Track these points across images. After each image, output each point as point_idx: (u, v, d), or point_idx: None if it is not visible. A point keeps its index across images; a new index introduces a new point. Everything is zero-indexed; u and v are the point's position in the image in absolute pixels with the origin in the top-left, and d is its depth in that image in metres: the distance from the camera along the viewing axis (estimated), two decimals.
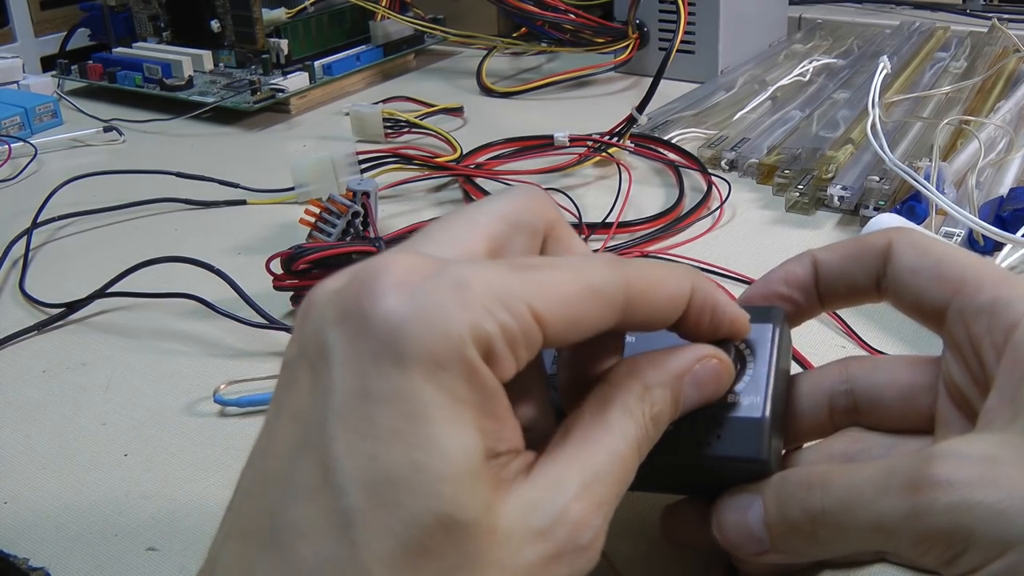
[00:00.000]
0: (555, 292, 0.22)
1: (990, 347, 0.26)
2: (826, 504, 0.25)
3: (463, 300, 0.20)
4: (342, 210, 0.50)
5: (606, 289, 0.23)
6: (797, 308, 0.30)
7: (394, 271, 0.21)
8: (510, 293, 0.21)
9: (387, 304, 0.20)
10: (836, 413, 0.30)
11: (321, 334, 0.21)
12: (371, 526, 0.19)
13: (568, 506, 0.22)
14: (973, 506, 0.23)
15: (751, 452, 0.27)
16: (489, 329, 0.21)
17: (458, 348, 0.20)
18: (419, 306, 0.20)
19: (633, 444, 0.24)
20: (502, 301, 0.21)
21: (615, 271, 0.23)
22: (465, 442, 0.20)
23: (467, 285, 0.21)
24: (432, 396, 0.20)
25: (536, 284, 0.22)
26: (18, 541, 0.33)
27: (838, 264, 0.30)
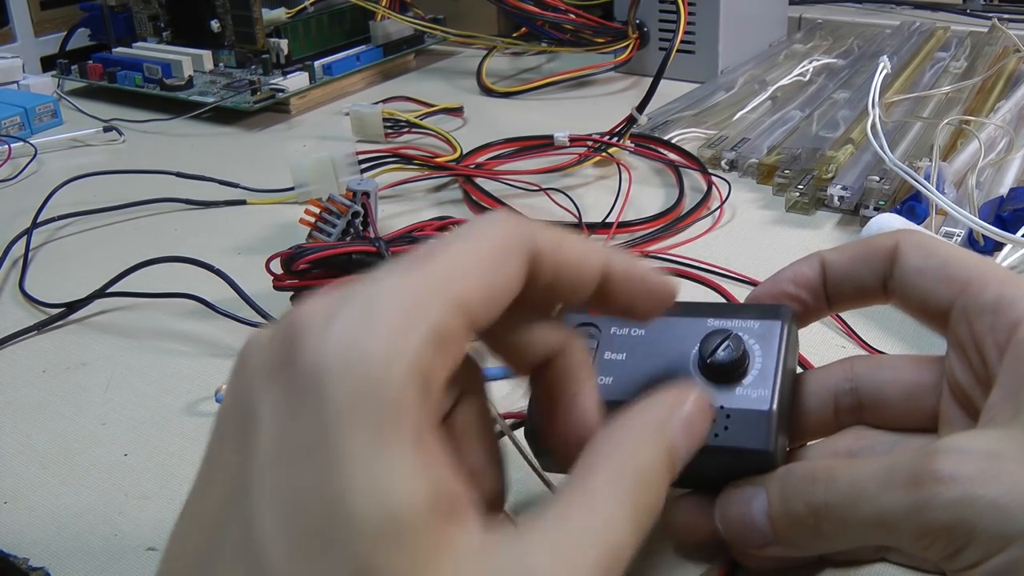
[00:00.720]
0: (465, 271, 0.21)
1: (993, 345, 0.26)
2: (830, 498, 0.25)
3: (377, 325, 0.19)
4: (342, 210, 0.50)
5: (511, 247, 0.22)
6: (805, 308, 0.31)
7: (306, 316, 0.20)
8: (422, 294, 0.20)
9: (304, 351, 0.19)
10: (841, 411, 0.30)
11: (250, 393, 0.20)
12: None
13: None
14: (975, 501, 0.23)
15: (758, 444, 0.27)
16: (411, 345, 0.19)
17: (380, 383, 0.19)
18: (334, 346, 0.19)
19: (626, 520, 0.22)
20: (417, 306, 0.20)
21: (516, 228, 0.23)
22: (391, 495, 0.18)
23: (377, 306, 0.20)
24: (354, 444, 0.18)
25: (445, 271, 0.21)
26: (18, 541, 0.33)
27: (846, 265, 0.30)
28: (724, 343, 0.29)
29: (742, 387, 0.28)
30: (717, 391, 0.29)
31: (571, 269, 0.24)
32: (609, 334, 0.31)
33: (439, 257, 0.21)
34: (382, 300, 0.20)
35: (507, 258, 0.22)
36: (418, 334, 0.20)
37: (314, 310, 0.20)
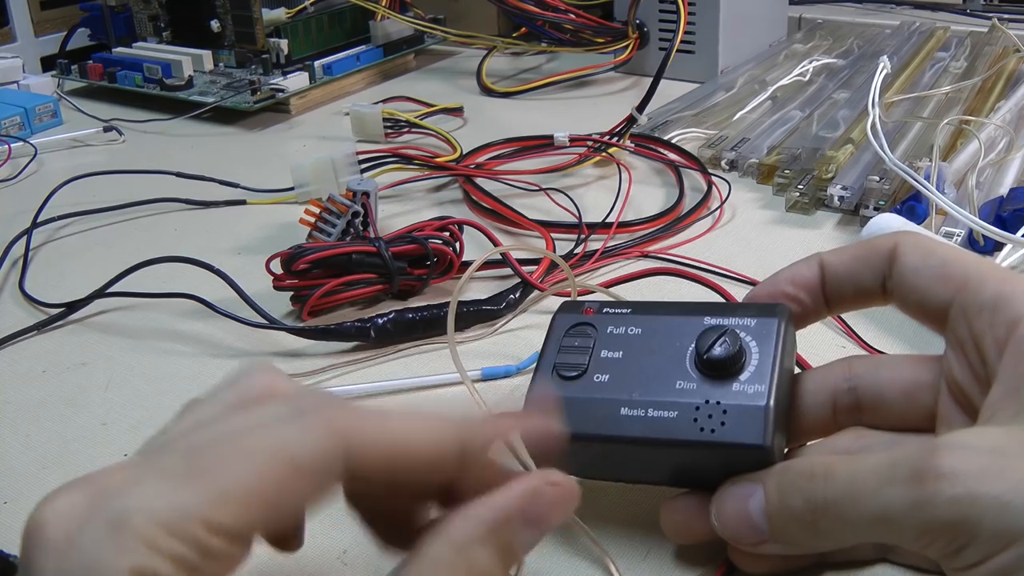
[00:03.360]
0: (236, 490, 0.20)
1: (992, 343, 0.26)
2: (828, 494, 0.25)
3: (121, 545, 0.19)
4: (342, 210, 0.50)
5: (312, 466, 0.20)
6: (803, 309, 0.31)
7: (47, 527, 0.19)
8: (179, 514, 0.19)
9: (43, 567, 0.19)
10: (840, 411, 0.30)
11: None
12: None
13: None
14: (978, 498, 0.22)
15: (754, 439, 0.27)
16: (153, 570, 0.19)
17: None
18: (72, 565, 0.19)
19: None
20: (169, 528, 0.19)
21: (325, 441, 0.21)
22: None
23: (125, 523, 0.19)
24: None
25: (211, 490, 0.19)
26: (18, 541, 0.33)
27: (845, 266, 0.30)
28: (720, 339, 0.29)
29: (738, 383, 0.28)
30: (713, 387, 0.29)
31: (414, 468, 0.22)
32: (606, 333, 0.31)
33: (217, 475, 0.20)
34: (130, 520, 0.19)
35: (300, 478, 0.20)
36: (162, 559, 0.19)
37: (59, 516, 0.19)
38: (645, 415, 0.29)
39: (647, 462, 0.30)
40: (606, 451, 0.30)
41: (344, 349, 0.44)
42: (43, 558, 0.19)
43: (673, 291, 0.48)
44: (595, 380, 0.30)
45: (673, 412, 0.28)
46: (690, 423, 0.28)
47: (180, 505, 0.19)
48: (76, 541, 0.19)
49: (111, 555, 0.19)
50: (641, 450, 0.29)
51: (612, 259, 0.51)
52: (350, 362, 0.43)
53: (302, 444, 0.21)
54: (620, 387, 0.30)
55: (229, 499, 0.20)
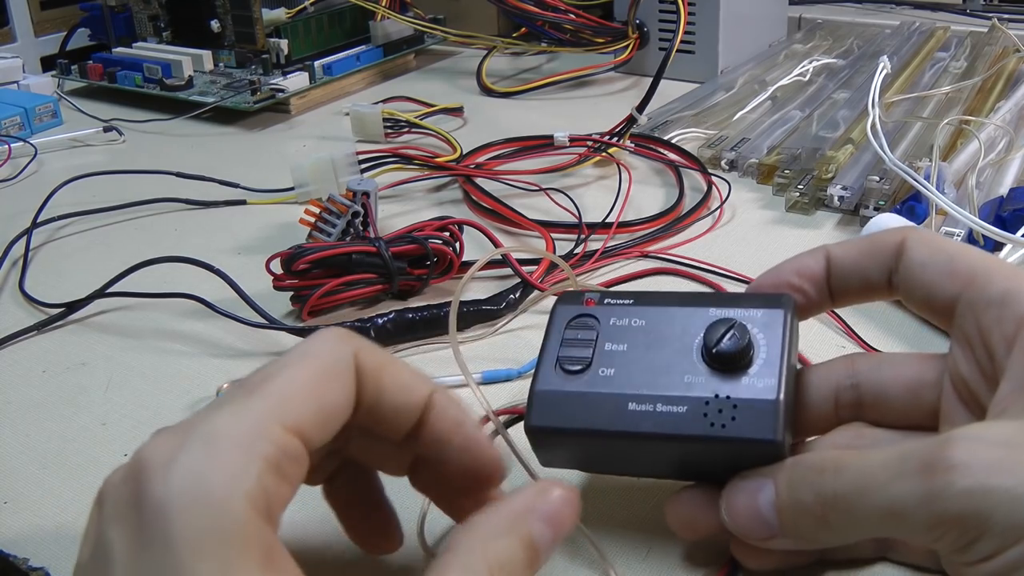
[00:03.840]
0: (297, 394, 0.23)
1: (1000, 338, 0.26)
2: (838, 487, 0.25)
3: (217, 457, 0.21)
4: (342, 210, 0.50)
5: (337, 365, 0.24)
6: (807, 300, 0.30)
7: (150, 456, 0.21)
8: (258, 422, 0.22)
9: (148, 490, 0.21)
10: (842, 408, 0.30)
11: (104, 534, 0.22)
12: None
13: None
14: (990, 491, 0.22)
15: (766, 434, 0.27)
16: (251, 472, 0.21)
17: (222, 513, 0.20)
18: (177, 483, 0.20)
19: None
20: (254, 434, 0.21)
21: (340, 343, 0.24)
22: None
23: (215, 438, 0.21)
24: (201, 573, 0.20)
25: (278, 396, 0.22)
26: (18, 541, 0.33)
27: (852, 259, 0.30)
28: (729, 332, 0.29)
29: (748, 376, 0.28)
30: (722, 381, 0.28)
31: (391, 394, 0.25)
32: (609, 325, 0.31)
33: (269, 386, 0.23)
34: (220, 434, 0.21)
35: (334, 378, 0.24)
36: (255, 464, 0.21)
37: (158, 447, 0.22)
38: (654, 410, 0.28)
39: (655, 457, 0.30)
40: (614, 446, 0.29)
41: None
42: (148, 486, 0.21)
43: (674, 288, 0.48)
44: (600, 374, 0.30)
45: (682, 407, 0.28)
46: (700, 418, 0.28)
47: (256, 413, 0.22)
48: (176, 462, 0.21)
49: (212, 465, 0.21)
50: (650, 445, 0.29)
51: (612, 259, 0.51)
52: None
53: (325, 349, 0.24)
54: (627, 381, 0.29)
55: (288, 399, 0.23)
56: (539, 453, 0.31)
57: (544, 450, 0.31)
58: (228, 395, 0.23)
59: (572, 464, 0.33)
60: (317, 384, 0.23)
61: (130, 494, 0.21)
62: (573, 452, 0.31)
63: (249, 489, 0.21)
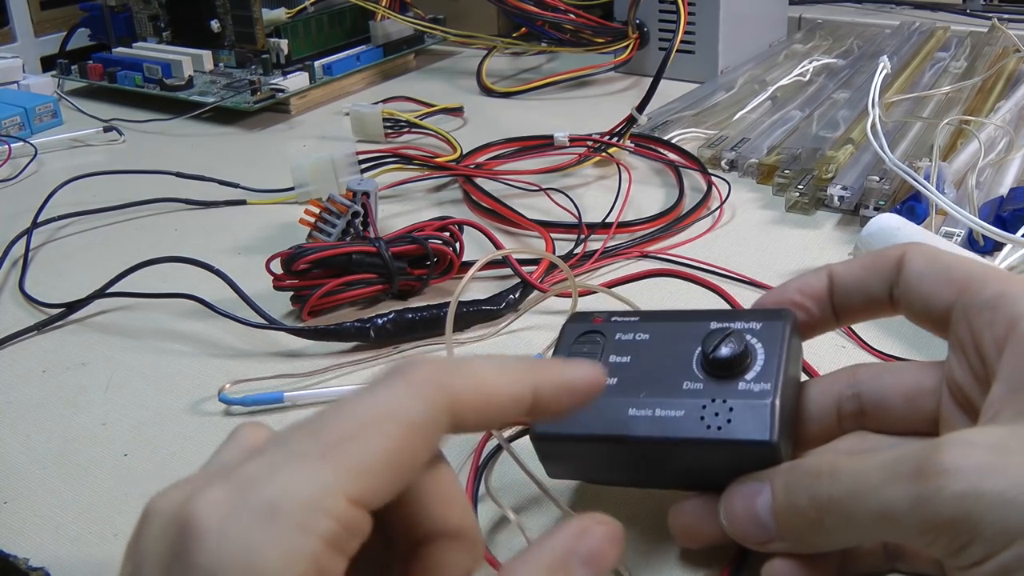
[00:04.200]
0: (371, 467, 0.21)
1: (991, 341, 0.26)
2: (833, 491, 0.25)
3: (276, 531, 0.19)
4: (342, 210, 0.50)
5: (427, 424, 0.22)
6: (811, 318, 0.31)
7: (202, 516, 0.20)
8: (324, 493, 0.20)
9: (198, 557, 0.19)
10: (844, 418, 0.30)
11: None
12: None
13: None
14: (981, 495, 0.22)
15: (761, 435, 0.27)
16: (309, 550, 0.19)
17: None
18: (230, 555, 0.19)
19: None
20: (318, 507, 0.20)
21: (433, 397, 0.22)
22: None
23: (277, 509, 0.20)
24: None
25: (349, 469, 0.20)
26: (18, 541, 0.33)
27: (854, 275, 0.30)
28: (726, 339, 0.29)
29: (744, 382, 0.29)
30: (719, 386, 0.29)
31: (500, 412, 0.23)
32: (614, 340, 0.32)
33: (344, 453, 0.21)
34: (279, 505, 0.20)
35: (417, 447, 0.21)
36: (313, 544, 0.20)
37: (212, 506, 0.20)
38: (652, 414, 0.29)
39: (655, 463, 0.30)
40: (615, 452, 0.30)
41: (344, 349, 0.44)
42: (197, 549, 0.19)
43: (673, 292, 0.48)
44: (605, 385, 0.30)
45: (680, 411, 0.29)
46: (697, 421, 0.28)
47: (323, 484, 0.20)
48: (229, 530, 0.19)
49: (266, 540, 0.19)
50: (649, 450, 0.29)
51: (612, 259, 0.51)
52: (350, 362, 0.43)
53: (415, 404, 0.22)
54: (628, 389, 0.30)
55: (364, 470, 0.20)
56: (546, 464, 0.32)
57: (550, 459, 0.31)
58: (297, 445, 0.21)
59: (577, 475, 0.33)
60: (397, 452, 0.21)
61: (176, 553, 0.20)
62: (577, 460, 0.31)
63: (304, 566, 0.19)
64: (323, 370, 0.43)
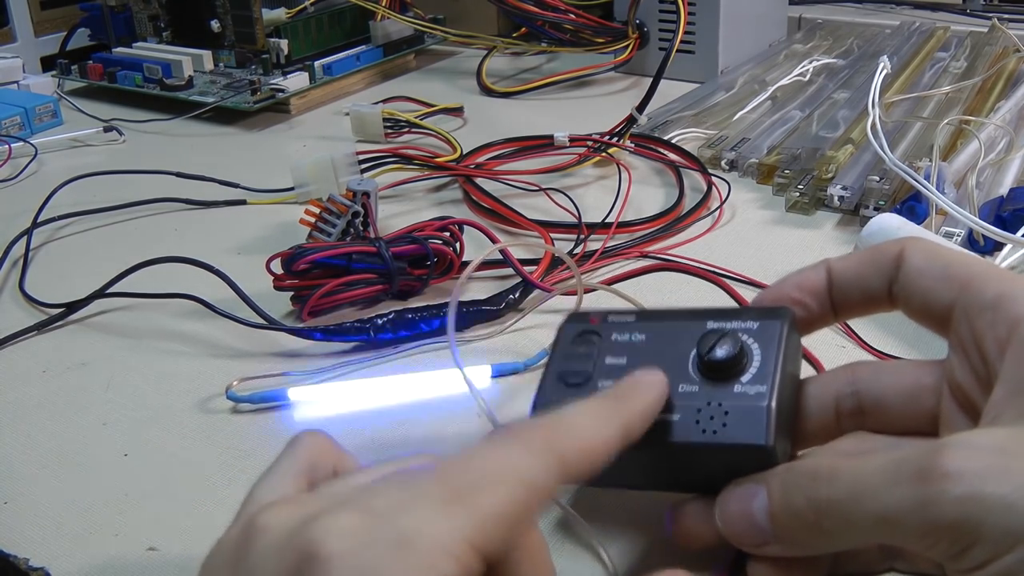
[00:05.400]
0: (496, 523, 0.21)
1: (993, 341, 0.26)
2: (832, 494, 0.25)
3: (406, 565, 0.20)
4: (342, 210, 0.50)
5: (544, 486, 0.23)
6: (809, 314, 0.31)
7: (333, 542, 0.20)
8: (453, 537, 0.20)
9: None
10: (843, 416, 0.30)
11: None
12: None
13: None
14: (983, 498, 0.22)
15: (756, 439, 0.27)
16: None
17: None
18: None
19: None
20: (443, 551, 0.20)
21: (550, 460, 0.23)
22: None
23: (411, 544, 0.20)
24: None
25: (477, 519, 0.21)
26: (18, 541, 0.33)
27: (852, 271, 0.30)
28: (720, 341, 0.29)
29: (740, 384, 0.28)
30: (715, 389, 0.29)
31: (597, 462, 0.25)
32: (611, 340, 0.31)
33: (475, 502, 0.21)
34: (411, 542, 0.20)
35: (535, 498, 0.22)
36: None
37: (341, 533, 0.20)
38: None
39: (652, 466, 0.30)
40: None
41: (344, 349, 0.44)
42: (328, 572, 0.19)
43: (675, 288, 0.48)
44: (600, 386, 0.30)
45: (676, 415, 0.28)
46: (692, 425, 0.28)
47: (453, 528, 0.20)
48: (361, 559, 0.20)
49: (397, 573, 0.19)
50: (645, 453, 0.29)
51: (612, 259, 0.51)
52: (350, 362, 0.43)
53: (533, 464, 0.23)
54: None
55: (489, 523, 0.21)
56: None
57: None
58: (427, 488, 0.21)
59: None
60: (517, 512, 0.22)
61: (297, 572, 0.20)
62: None
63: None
64: (323, 370, 0.43)
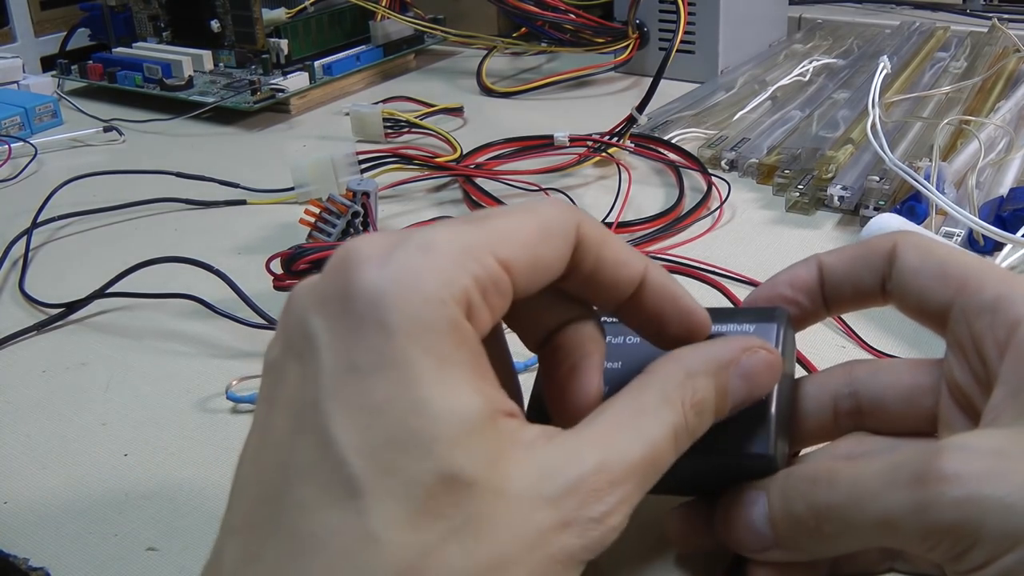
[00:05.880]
0: (514, 236, 0.23)
1: (992, 344, 0.26)
2: (832, 499, 0.25)
3: (433, 260, 0.21)
4: (342, 210, 0.50)
5: (559, 227, 0.24)
6: (802, 311, 0.30)
7: (363, 249, 0.21)
8: (474, 245, 0.22)
9: (362, 279, 0.21)
10: (840, 416, 0.30)
11: (304, 323, 0.22)
12: (374, 493, 0.20)
13: (582, 477, 0.22)
14: (982, 500, 0.22)
15: (758, 448, 0.27)
16: (463, 283, 0.21)
17: (438, 308, 0.21)
18: (393, 274, 0.21)
19: (668, 431, 0.24)
20: (469, 253, 0.22)
21: (566, 211, 0.24)
22: (458, 402, 0.20)
23: (433, 246, 0.21)
24: (420, 360, 0.20)
25: (496, 232, 0.23)
26: (18, 541, 0.33)
27: (844, 267, 0.30)
28: None
29: None
30: None
31: (610, 268, 0.25)
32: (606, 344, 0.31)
33: (492, 221, 0.23)
34: (437, 242, 0.22)
35: (553, 237, 0.24)
36: (466, 277, 0.21)
37: (369, 244, 0.22)
38: None
39: None
40: None
41: None
42: (361, 273, 0.21)
43: None
44: None
45: None
46: None
47: (472, 237, 0.22)
48: (392, 257, 0.21)
49: (426, 265, 0.21)
50: None
51: None
52: None
53: (552, 211, 0.24)
54: None
55: (508, 238, 0.23)
56: None
57: None
58: (445, 221, 0.23)
59: None
60: (535, 237, 0.23)
61: (336, 283, 0.21)
62: None
63: (463, 294, 0.21)
64: None
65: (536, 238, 0.23)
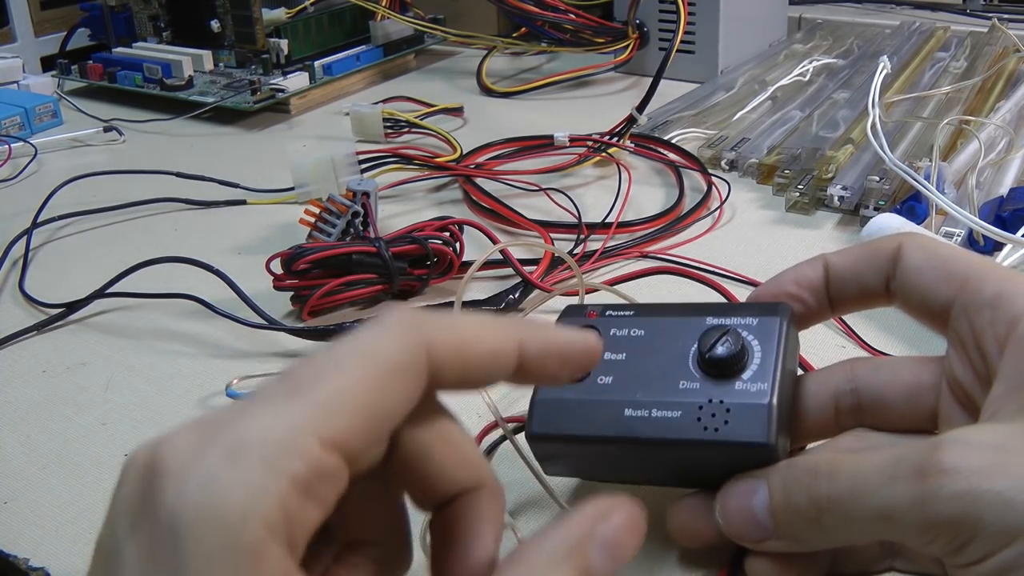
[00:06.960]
0: (345, 401, 0.20)
1: (992, 340, 0.26)
2: (832, 491, 0.25)
3: (239, 473, 0.19)
4: (342, 210, 0.50)
5: (401, 361, 0.21)
6: (806, 309, 0.31)
7: (166, 458, 0.19)
8: (294, 432, 0.19)
9: (162, 499, 0.19)
10: (842, 413, 0.30)
11: (115, 532, 0.20)
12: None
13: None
14: (981, 494, 0.22)
15: (758, 437, 0.27)
16: (275, 491, 0.19)
17: (237, 535, 0.18)
18: (192, 497, 0.18)
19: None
20: (286, 449, 0.19)
21: (409, 334, 0.21)
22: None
23: (242, 451, 0.19)
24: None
25: (321, 403, 0.20)
26: (18, 541, 0.33)
27: (850, 266, 0.30)
28: (722, 338, 0.29)
29: (741, 381, 0.28)
30: (716, 386, 0.29)
31: (480, 365, 0.23)
32: (609, 335, 0.31)
33: (314, 390, 0.20)
34: (245, 445, 0.19)
35: (396, 378, 0.21)
36: (279, 484, 0.19)
37: (178, 448, 0.19)
38: (649, 415, 0.29)
39: (652, 463, 0.30)
40: (611, 452, 0.30)
41: None
42: (163, 490, 0.19)
43: (674, 290, 0.48)
44: (599, 382, 0.30)
45: (677, 412, 0.28)
46: (694, 422, 0.28)
47: (291, 422, 0.19)
48: (193, 469, 0.19)
49: (231, 479, 0.19)
50: (646, 450, 0.29)
51: (612, 259, 0.51)
52: None
53: (389, 346, 0.21)
54: (624, 388, 0.30)
55: (334, 409, 0.20)
56: (542, 463, 0.32)
57: (546, 458, 0.31)
58: (268, 390, 0.20)
59: (575, 472, 0.33)
60: (373, 389, 0.20)
61: (143, 498, 0.20)
62: (574, 459, 0.31)
63: (269, 511, 0.18)
64: None
65: (374, 390, 0.20)
